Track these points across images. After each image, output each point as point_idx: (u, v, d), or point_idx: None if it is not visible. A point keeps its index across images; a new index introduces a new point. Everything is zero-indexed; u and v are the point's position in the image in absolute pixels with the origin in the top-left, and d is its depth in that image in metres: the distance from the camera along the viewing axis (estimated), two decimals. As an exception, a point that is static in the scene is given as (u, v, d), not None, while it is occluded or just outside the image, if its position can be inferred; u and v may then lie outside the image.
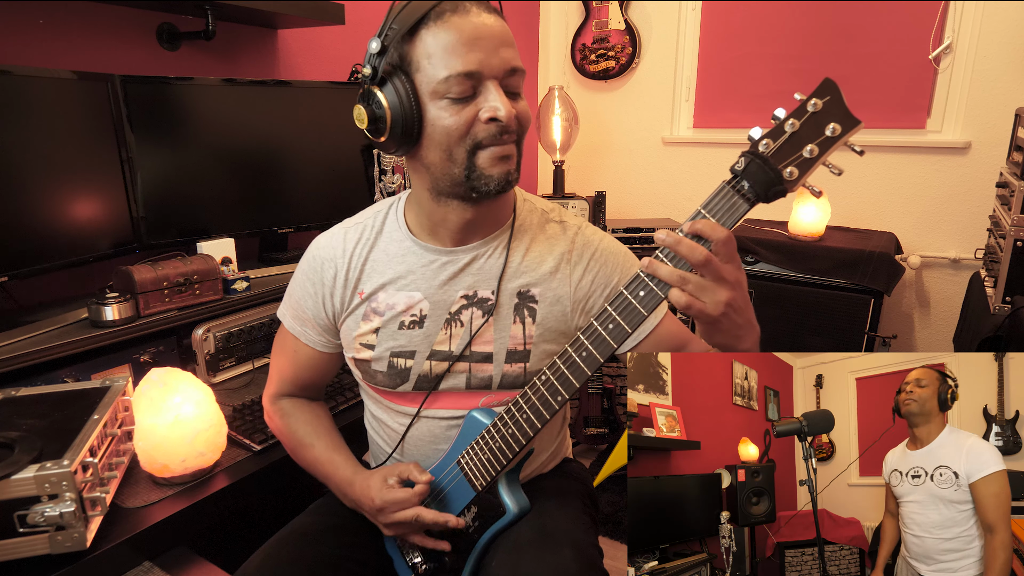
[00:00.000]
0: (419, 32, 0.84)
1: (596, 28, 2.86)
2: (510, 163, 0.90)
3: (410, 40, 0.84)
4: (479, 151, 0.87)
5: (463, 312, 0.99)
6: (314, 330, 1.06)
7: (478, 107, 0.85)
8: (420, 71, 0.84)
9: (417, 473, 0.96)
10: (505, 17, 0.89)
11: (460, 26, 0.83)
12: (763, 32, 2.59)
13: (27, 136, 1.24)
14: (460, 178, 0.89)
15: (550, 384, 0.85)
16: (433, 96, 0.85)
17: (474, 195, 0.90)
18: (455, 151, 0.87)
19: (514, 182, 0.91)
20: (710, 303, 0.72)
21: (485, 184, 0.89)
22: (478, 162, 0.88)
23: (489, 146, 0.87)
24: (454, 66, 0.83)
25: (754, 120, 0.75)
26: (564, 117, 2.69)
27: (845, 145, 0.69)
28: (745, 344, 0.77)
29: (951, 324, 2.41)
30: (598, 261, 1.02)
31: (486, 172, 0.88)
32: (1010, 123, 2.07)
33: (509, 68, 0.86)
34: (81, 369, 1.27)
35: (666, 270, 0.72)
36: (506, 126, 0.86)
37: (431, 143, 0.88)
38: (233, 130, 1.62)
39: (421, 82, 0.85)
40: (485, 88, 0.85)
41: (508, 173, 0.90)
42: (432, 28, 0.83)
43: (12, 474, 0.86)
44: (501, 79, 0.86)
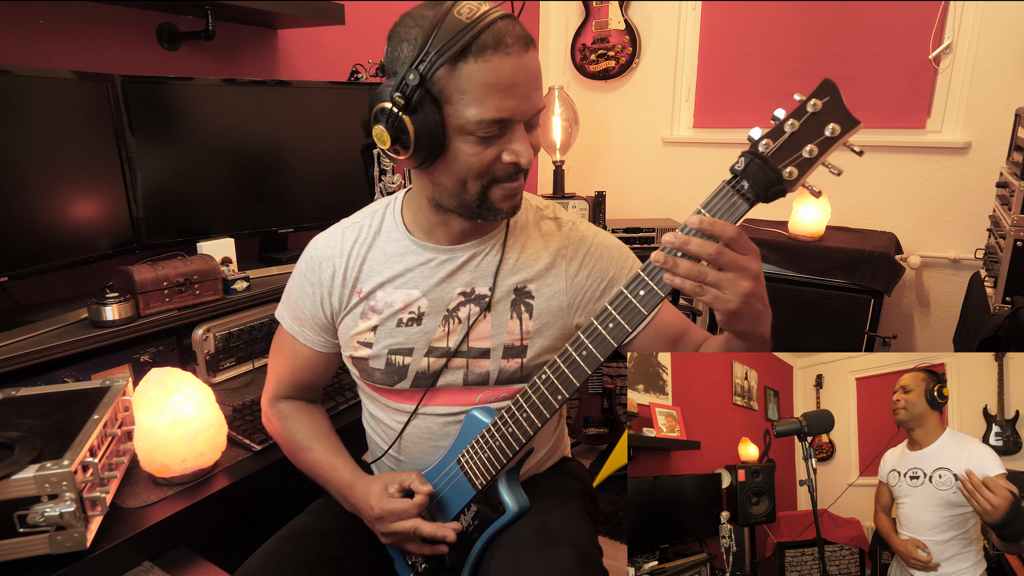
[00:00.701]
0: (457, 64, 0.80)
1: (596, 28, 2.86)
2: (518, 197, 0.92)
3: (445, 70, 0.81)
4: (494, 186, 0.88)
5: (461, 309, 0.99)
6: (312, 330, 1.06)
7: (501, 148, 0.86)
8: (451, 104, 0.82)
9: (419, 483, 0.96)
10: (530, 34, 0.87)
11: (500, 68, 0.80)
12: (763, 32, 2.58)
13: (27, 136, 1.24)
14: (471, 204, 0.90)
15: (550, 383, 0.85)
16: (460, 131, 0.84)
17: (479, 220, 0.93)
18: (470, 184, 0.88)
19: (519, 209, 0.94)
20: (732, 295, 0.72)
21: (494, 215, 0.91)
22: (491, 195, 0.89)
23: (504, 182, 0.88)
24: (487, 111, 0.81)
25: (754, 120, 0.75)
26: (564, 117, 2.69)
27: (844, 145, 0.69)
28: (763, 327, 0.77)
29: (951, 324, 2.41)
30: (593, 256, 1.02)
31: (497, 205, 0.90)
32: (1010, 123, 2.07)
33: (536, 111, 0.87)
34: (81, 369, 1.27)
35: (685, 266, 0.72)
36: (524, 168, 0.88)
37: (448, 170, 0.88)
38: (233, 130, 1.62)
39: (450, 114, 0.83)
40: (512, 131, 0.85)
41: (516, 206, 0.92)
42: (471, 64, 0.79)
43: (12, 474, 0.86)
44: (527, 120, 0.87)
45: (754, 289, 0.72)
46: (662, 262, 0.73)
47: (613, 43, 2.84)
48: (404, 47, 0.83)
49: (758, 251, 0.74)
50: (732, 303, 0.72)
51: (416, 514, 0.96)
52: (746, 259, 0.72)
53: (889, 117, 2.42)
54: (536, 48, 0.86)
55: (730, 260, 0.71)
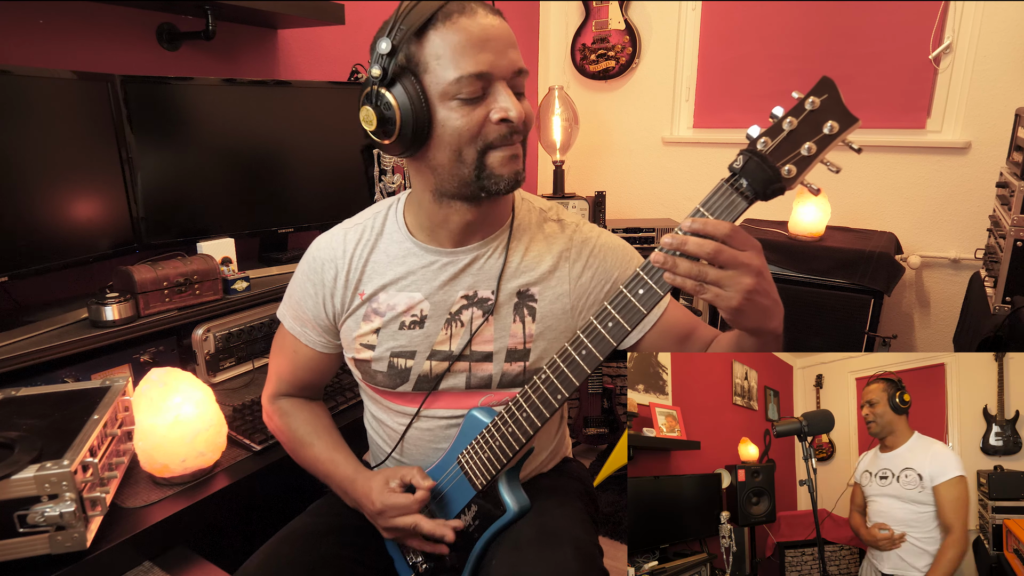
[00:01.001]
0: (427, 33, 0.83)
1: (596, 28, 2.86)
2: (518, 162, 0.91)
3: (417, 41, 0.84)
4: (490, 151, 0.88)
5: (463, 312, 0.99)
6: (314, 331, 1.06)
7: (488, 108, 0.86)
8: (429, 72, 0.84)
9: (420, 479, 0.96)
10: (506, 18, 0.89)
11: (468, 27, 0.83)
12: (763, 32, 2.59)
13: (27, 136, 1.24)
14: (469, 178, 0.89)
15: (550, 383, 0.85)
16: (443, 97, 0.84)
17: (483, 194, 0.91)
18: (465, 152, 0.87)
19: (522, 180, 0.92)
20: (733, 293, 0.71)
21: (495, 184, 0.89)
22: (489, 162, 0.88)
23: (500, 147, 0.88)
24: (465, 67, 0.83)
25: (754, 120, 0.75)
26: (564, 117, 2.69)
27: (843, 143, 0.69)
28: (773, 323, 0.77)
29: (951, 324, 2.41)
30: (596, 257, 1.02)
31: (496, 172, 0.89)
32: (1010, 123, 2.07)
33: (516, 69, 0.87)
34: (81, 369, 1.27)
35: (685, 265, 0.72)
36: (516, 126, 0.87)
37: (440, 144, 0.88)
38: (233, 130, 1.62)
39: (430, 83, 0.84)
40: (495, 89, 0.86)
41: (517, 173, 0.91)
42: (440, 29, 0.83)
43: (12, 474, 0.86)
44: (509, 80, 0.87)
45: (756, 285, 0.72)
46: (661, 262, 0.73)
47: (613, 43, 2.84)
48: (379, 34, 0.86)
49: (760, 247, 0.73)
50: (734, 300, 0.72)
51: (417, 509, 0.95)
52: (746, 255, 0.71)
53: (889, 117, 2.42)
54: (503, 18, 0.88)
55: (729, 257, 0.71)
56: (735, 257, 0.71)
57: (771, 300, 0.75)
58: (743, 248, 0.72)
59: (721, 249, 0.71)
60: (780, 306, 0.78)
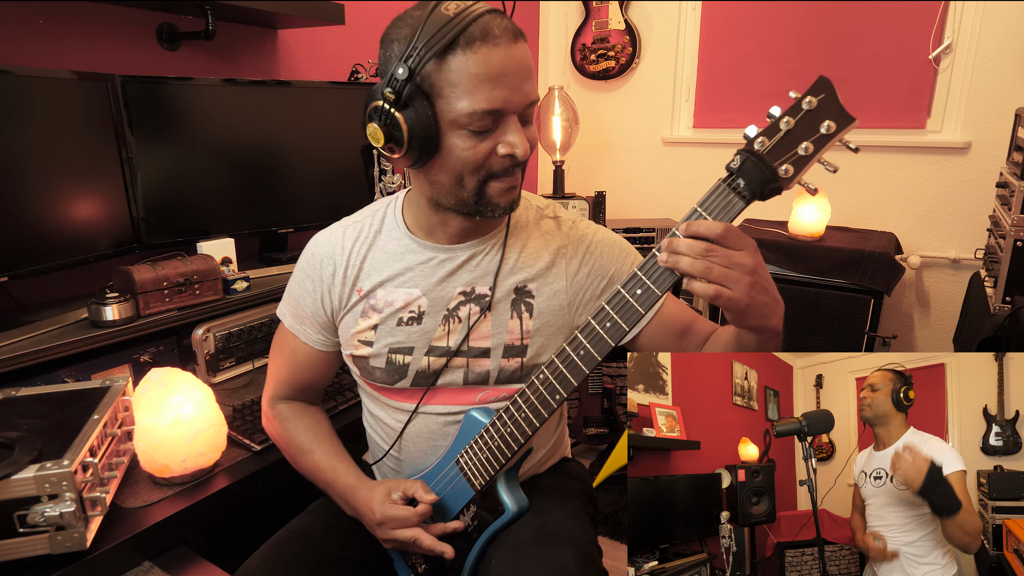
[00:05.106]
0: (446, 58, 0.80)
1: (596, 28, 2.86)
2: (515, 192, 0.92)
3: (435, 64, 0.81)
4: (491, 181, 0.88)
5: (461, 308, 0.99)
6: (313, 328, 1.06)
7: (496, 141, 0.85)
8: (443, 98, 0.82)
9: (422, 492, 0.96)
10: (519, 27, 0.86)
11: (488, 59, 0.80)
12: (763, 32, 2.58)
13: (27, 136, 1.24)
14: (468, 201, 0.90)
15: (548, 383, 0.85)
16: (453, 125, 0.84)
17: (477, 216, 0.92)
18: (467, 179, 0.88)
19: (517, 205, 0.93)
20: (737, 290, 0.72)
21: (492, 211, 0.90)
22: (488, 191, 0.89)
23: (501, 177, 0.88)
24: (478, 102, 0.81)
25: (754, 120, 0.74)
26: (564, 117, 2.69)
27: (840, 142, 0.70)
28: (773, 320, 0.77)
29: (951, 324, 2.41)
30: (593, 253, 1.02)
31: (494, 200, 0.89)
32: (1010, 123, 2.07)
33: (529, 102, 0.87)
34: (81, 369, 1.27)
35: (687, 261, 0.72)
36: (519, 160, 0.87)
37: (444, 166, 0.87)
38: (233, 130, 1.62)
39: (442, 109, 0.83)
40: (505, 123, 0.85)
41: (513, 201, 0.92)
42: (460, 56, 0.80)
43: (12, 474, 0.86)
44: (520, 112, 0.86)
45: (754, 282, 0.72)
46: (664, 260, 0.74)
47: (613, 43, 2.84)
48: (395, 47, 0.84)
49: (755, 245, 0.74)
50: (742, 300, 0.72)
51: (417, 522, 0.95)
52: (740, 255, 0.72)
53: (889, 117, 2.42)
54: (525, 41, 0.86)
55: (723, 256, 0.71)
56: (728, 256, 0.71)
57: (770, 297, 0.76)
58: (738, 247, 0.72)
59: (712, 249, 0.71)
60: (780, 303, 0.78)
